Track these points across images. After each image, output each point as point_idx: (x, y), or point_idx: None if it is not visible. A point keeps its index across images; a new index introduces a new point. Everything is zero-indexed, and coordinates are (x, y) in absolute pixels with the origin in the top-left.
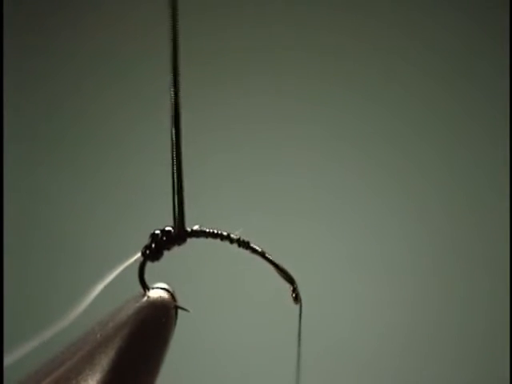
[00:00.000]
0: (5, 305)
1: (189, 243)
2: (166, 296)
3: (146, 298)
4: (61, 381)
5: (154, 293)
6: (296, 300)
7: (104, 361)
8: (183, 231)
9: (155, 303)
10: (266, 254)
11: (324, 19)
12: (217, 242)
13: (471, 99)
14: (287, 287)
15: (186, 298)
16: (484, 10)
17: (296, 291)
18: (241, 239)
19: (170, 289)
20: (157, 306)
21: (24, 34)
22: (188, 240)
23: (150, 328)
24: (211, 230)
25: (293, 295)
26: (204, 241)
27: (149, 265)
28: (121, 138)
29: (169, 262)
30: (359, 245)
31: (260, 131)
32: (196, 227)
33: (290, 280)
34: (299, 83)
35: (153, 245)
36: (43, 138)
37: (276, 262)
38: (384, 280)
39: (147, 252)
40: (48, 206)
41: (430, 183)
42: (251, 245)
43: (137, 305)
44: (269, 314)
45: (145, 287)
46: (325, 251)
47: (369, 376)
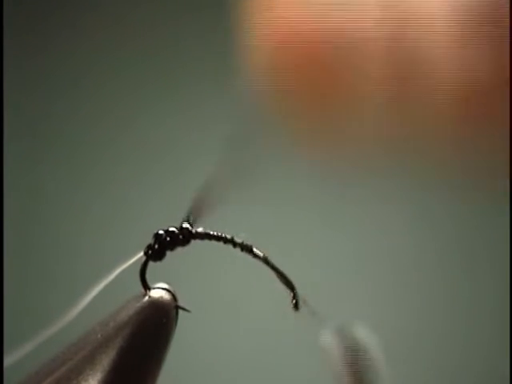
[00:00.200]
0: (5, 305)
1: (191, 244)
2: (167, 296)
3: (147, 298)
4: (62, 381)
5: (155, 293)
6: (296, 307)
7: (105, 361)
8: (187, 233)
9: (156, 303)
10: (268, 260)
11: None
12: (219, 244)
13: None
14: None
15: (187, 299)
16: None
17: (296, 298)
18: (244, 243)
19: (171, 289)
20: (158, 306)
21: (24, 34)
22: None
23: (151, 328)
24: (215, 233)
25: (293, 302)
26: (206, 241)
27: (150, 264)
28: (120, 137)
29: (170, 262)
30: (362, 246)
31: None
32: (200, 229)
33: (291, 287)
34: None
35: (156, 245)
36: (42, 137)
37: (278, 269)
38: (386, 280)
39: (150, 252)
40: (47, 205)
41: (431, 182)
42: (254, 249)
43: (138, 305)
44: (270, 315)
45: (146, 287)
46: (327, 251)
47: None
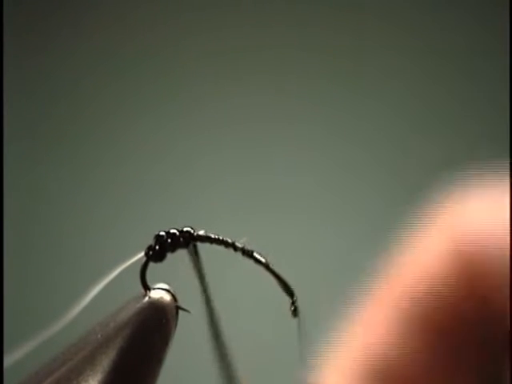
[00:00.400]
0: (5, 305)
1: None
2: (167, 297)
3: (147, 299)
4: (62, 381)
5: (155, 293)
6: (294, 314)
7: (105, 361)
8: (188, 235)
9: (156, 304)
10: (269, 265)
11: (324, 18)
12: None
13: (471, 98)
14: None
15: (187, 299)
16: (484, 9)
17: (295, 305)
18: (245, 248)
19: (171, 289)
20: (158, 307)
21: (24, 34)
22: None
23: (151, 329)
24: (216, 237)
25: (291, 308)
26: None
27: (150, 265)
28: (122, 137)
29: (170, 263)
30: (361, 246)
31: (262, 131)
32: (201, 232)
33: (291, 293)
34: (299, 82)
35: (157, 246)
36: (42, 137)
37: (279, 275)
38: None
39: (150, 253)
40: (47, 205)
41: (431, 182)
42: (255, 254)
43: (138, 305)
44: (270, 315)
45: (146, 288)
46: (325, 252)
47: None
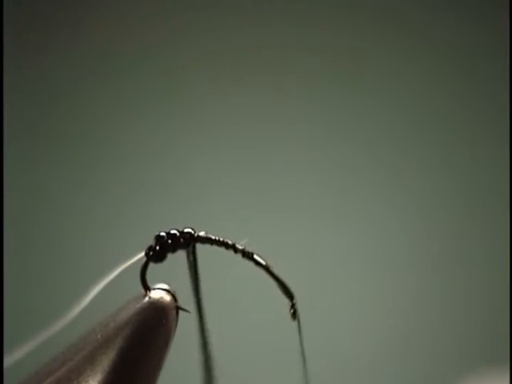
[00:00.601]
0: (5, 305)
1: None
2: (167, 297)
3: (147, 299)
4: (62, 381)
5: (155, 293)
6: (293, 317)
7: (105, 361)
8: (189, 236)
9: (156, 304)
10: (270, 268)
11: (324, 18)
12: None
13: (471, 98)
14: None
15: (187, 299)
16: (484, 9)
17: (294, 308)
18: (245, 250)
19: (172, 290)
20: (158, 307)
21: (24, 34)
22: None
23: (151, 329)
24: (217, 238)
25: (291, 311)
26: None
27: (150, 265)
28: (122, 137)
29: (170, 263)
30: (361, 246)
31: (262, 131)
32: (202, 233)
33: (290, 296)
34: (299, 82)
35: (157, 247)
36: (42, 137)
37: (278, 277)
38: (385, 281)
39: (151, 253)
40: (47, 205)
41: (431, 182)
42: (255, 256)
43: (138, 305)
44: (271, 316)
45: (146, 288)
46: (325, 252)
47: (371, 379)
